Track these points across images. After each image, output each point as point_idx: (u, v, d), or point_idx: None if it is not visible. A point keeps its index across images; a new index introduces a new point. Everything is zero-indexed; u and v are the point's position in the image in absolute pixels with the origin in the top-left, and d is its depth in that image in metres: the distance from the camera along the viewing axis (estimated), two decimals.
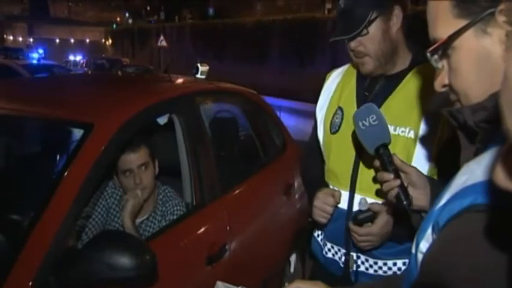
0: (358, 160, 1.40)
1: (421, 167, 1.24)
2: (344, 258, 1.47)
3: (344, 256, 1.46)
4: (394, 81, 1.38)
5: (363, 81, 1.44)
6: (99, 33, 60.76)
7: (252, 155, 2.88)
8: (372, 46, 1.32)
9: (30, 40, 58.75)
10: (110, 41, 52.84)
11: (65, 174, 1.49)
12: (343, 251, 1.47)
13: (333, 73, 1.59)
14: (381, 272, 1.41)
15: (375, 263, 1.42)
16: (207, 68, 2.69)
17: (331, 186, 1.48)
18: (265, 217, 2.53)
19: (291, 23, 21.01)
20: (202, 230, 1.93)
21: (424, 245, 0.69)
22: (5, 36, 60.39)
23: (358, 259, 1.44)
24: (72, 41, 61.57)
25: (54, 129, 2.22)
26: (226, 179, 2.19)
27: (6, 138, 2.36)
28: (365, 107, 1.21)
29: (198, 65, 2.66)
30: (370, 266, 1.43)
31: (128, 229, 1.79)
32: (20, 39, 61.44)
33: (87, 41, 61.73)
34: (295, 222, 2.69)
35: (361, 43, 1.33)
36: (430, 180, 1.17)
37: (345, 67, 1.56)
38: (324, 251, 1.54)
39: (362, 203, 1.36)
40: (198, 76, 2.65)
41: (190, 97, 2.24)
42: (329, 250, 1.52)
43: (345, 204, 1.43)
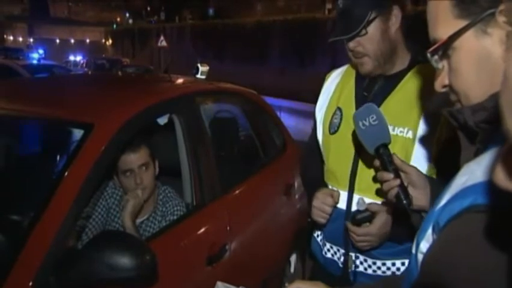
0: (357, 160, 1.40)
1: (419, 167, 1.24)
2: (343, 258, 1.47)
3: (343, 256, 1.47)
4: (393, 81, 1.38)
5: (361, 81, 1.44)
6: (100, 34, 60.78)
7: (252, 155, 2.88)
8: (371, 46, 1.32)
9: (31, 40, 58.75)
10: (110, 41, 52.85)
11: (65, 175, 1.49)
12: (342, 251, 1.47)
13: (332, 74, 1.59)
14: (379, 272, 1.41)
15: (373, 263, 1.42)
16: (207, 68, 2.69)
17: (330, 187, 1.48)
18: (265, 217, 2.53)
19: (291, 24, 21.02)
20: (202, 230, 1.93)
21: (424, 245, 0.69)
22: (5, 36, 60.39)
23: (357, 259, 1.44)
24: (72, 41, 61.58)
25: (55, 130, 2.22)
26: (226, 179, 2.19)
27: (7, 139, 2.36)
28: (365, 107, 1.21)
29: (198, 65, 2.66)
30: (369, 266, 1.43)
31: (128, 229, 1.79)
32: (20, 39, 61.45)
33: (87, 41, 61.74)
34: (295, 222, 2.70)
35: (360, 43, 1.32)
36: (430, 180, 1.17)
37: (344, 68, 1.56)
38: (323, 251, 1.54)
39: (360, 203, 1.36)
40: (198, 76, 2.65)
41: (191, 97, 2.24)
42: (328, 250, 1.52)
43: (343, 205, 1.43)
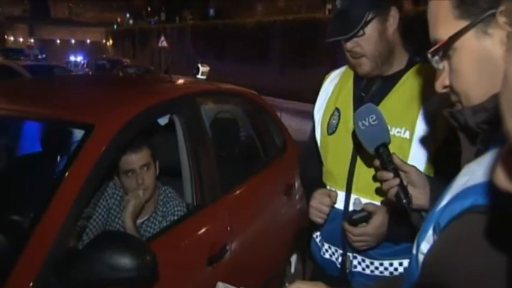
0: (355, 160, 1.40)
1: (416, 166, 1.24)
2: (341, 259, 1.47)
3: (341, 257, 1.47)
4: (390, 81, 1.38)
5: (359, 82, 1.44)
6: (100, 34, 60.87)
7: (253, 155, 2.88)
8: (369, 47, 1.32)
9: (31, 41, 58.83)
10: (111, 41, 52.92)
11: (66, 175, 1.49)
12: (340, 251, 1.47)
13: (330, 75, 1.60)
14: (377, 272, 1.41)
15: (371, 263, 1.42)
16: (207, 68, 2.69)
17: (328, 187, 1.49)
18: (265, 217, 2.53)
19: (292, 24, 21.03)
20: (202, 230, 1.93)
21: (425, 246, 0.69)
22: (5, 37, 60.47)
23: (355, 259, 1.44)
24: (72, 41, 61.69)
25: (55, 130, 2.23)
26: (226, 180, 2.19)
27: (8, 139, 2.37)
28: (365, 107, 1.21)
29: (199, 65, 2.66)
30: (367, 266, 1.43)
31: (129, 230, 1.79)
32: (20, 39, 61.51)
33: (88, 41, 61.84)
34: (295, 222, 2.69)
35: (357, 44, 1.33)
36: (429, 179, 1.17)
37: (343, 69, 1.56)
38: (321, 252, 1.55)
39: (356, 203, 1.36)
40: (199, 77, 2.65)
41: (191, 98, 2.24)
42: (326, 251, 1.53)
43: (341, 205, 1.43)
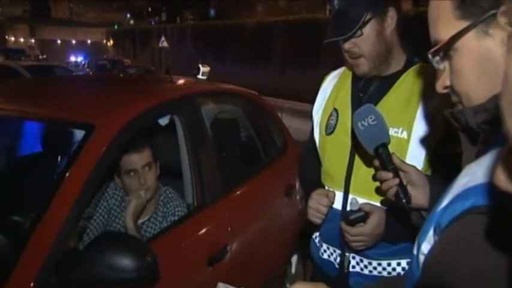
0: (352, 161, 1.41)
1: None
2: (339, 259, 1.47)
3: (339, 257, 1.47)
4: (388, 82, 1.38)
5: (358, 82, 1.45)
6: (101, 34, 60.90)
7: (253, 155, 2.88)
8: (367, 47, 1.33)
9: (32, 41, 58.88)
10: (112, 41, 52.93)
11: (67, 175, 1.49)
12: (338, 251, 1.47)
13: (329, 75, 1.60)
14: (375, 272, 1.42)
15: (369, 264, 1.42)
16: (208, 68, 2.70)
17: (326, 187, 1.49)
18: (266, 218, 2.53)
19: (292, 24, 21.02)
20: (203, 231, 1.93)
21: (425, 247, 0.69)
22: (6, 37, 60.53)
23: (353, 259, 1.44)
24: (73, 42, 61.72)
25: (56, 130, 2.23)
26: (227, 180, 2.19)
27: (8, 139, 2.37)
28: (364, 108, 1.22)
29: (200, 65, 2.66)
30: (365, 266, 1.43)
31: (130, 230, 1.79)
32: (21, 40, 61.55)
33: (89, 42, 61.87)
34: (296, 223, 2.69)
35: (355, 44, 1.33)
36: (429, 179, 1.17)
37: (342, 69, 1.57)
38: (320, 252, 1.55)
39: (353, 203, 1.37)
40: (199, 77, 2.65)
41: (192, 98, 2.24)
42: (325, 251, 1.53)
43: (339, 205, 1.43)
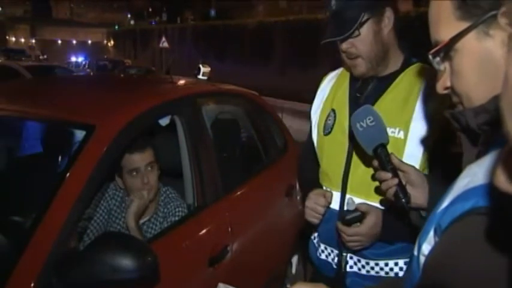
0: (350, 161, 1.41)
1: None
2: (337, 259, 1.47)
3: (337, 257, 1.47)
4: (385, 82, 1.39)
5: (355, 83, 1.46)
6: (101, 35, 60.94)
7: (254, 156, 2.88)
8: (364, 47, 1.33)
9: (33, 41, 58.92)
10: (112, 42, 52.98)
11: (67, 176, 1.49)
12: (335, 252, 1.48)
13: (327, 76, 1.61)
14: (373, 272, 1.42)
15: (366, 264, 1.43)
16: (208, 69, 2.70)
17: (324, 187, 1.50)
18: (267, 218, 2.53)
19: (293, 24, 21.02)
20: (204, 231, 1.93)
21: (426, 247, 0.69)
22: (7, 37, 60.58)
23: (351, 260, 1.44)
24: (74, 42, 61.78)
25: (56, 131, 2.22)
26: (227, 180, 2.19)
27: (9, 140, 2.37)
28: (362, 109, 1.22)
29: (200, 65, 2.66)
30: (363, 266, 1.43)
31: (132, 230, 1.79)
32: (22, 40, 61.59)
33: (89, 42, 61.93)
34: (297, 223, 2.69)
35: (353, 44, 1.33)
36: (428, 178, 1.18)
37: (340, 70, 1.57)
38: (318, 253, 1.55)
39: (349, 202, 1.37)
40: (200, 77, 2.65)
41: (192, 98, 2.24)
42: (322, 252, 1.53)
43: (336, 205, 1.44)
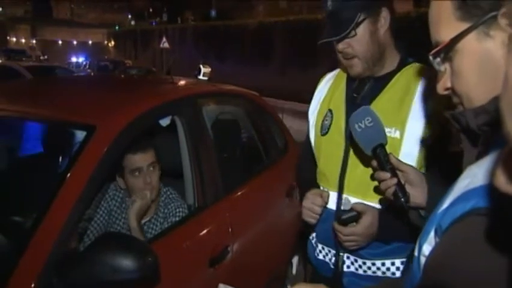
0: (346, 161, 1.42)
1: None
2: (334, 259, 1.48)
3: (334, 257, 1.48)
4: (381, 82, 1.39)
5: (352, 83, 1.46)
6: (102, 35, 61.00)
7: (254, 156, 2.88)
8: (360, 48, 1.33)
9: (33, 42, 58.97)
10: (113, 42, 53.02)
11: (68, 176, 1.49)
12: (333, 252, 1.48)
13: (325, 77, 1.62)
14: (370, 272, 1.42)
15: (363, 263, 1.43)
16: (209, 69, 2.71)
17: (321, 187, 1.50)
18: (267, 219, 2.53)
19: (293, 25, 21.03)
20: (204, 231, 1.93)
21: (426, 248, 0.68)
22: (8, 37, 60.64)
23: (348, 260, 1.45)
24: (74, 42, 61.85)
25: (57, 131, 2.23)
26: (228, 181, 2.19)
27: (9, 140, 2.37)
28: (361, 110, 1.23)
29: (201, 66, 2.66)
30: (360, 266, 1.44)
31: (134, 230, 1.79)
32: (22, 40, 61.62)
33: (90, 42, 61.98)
34: (297, 224, 2.69)
35: (349, 45, 1.34)
36: (427, 178, 1.18)
37: (336, 71, 1.58)
38: (315, 253, 1.56)
39: (345, 202, 1.37)
40: (201, 77, 2.66)
41: (193, 99, 2.24)
42: (320, 252, 1.54)
43: (333, 205, 1.44)
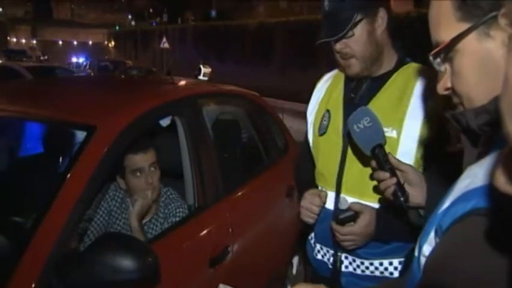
0: (344, 161, 1.42)
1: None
2: (332, 259, 1.48)
3: (332, 257, 1.48)
4: (379, 82, 1.40)
5: (350, 84, 1.47)
6: (102, 35, 61.03)
7: (255, 157, 2.88)
8: (358, 48, 1.34)
9: (34, 42, 59.01)
10: (113, 43, 53.05)
11: (68, 176, 1.49)
12: (331, 251, 1.48)
13: (323, 78, 1.62)
14: (368, 272, 1.43)
15: (361, 263, 1.43)
16: (209, 69, 2.71)
17: (319, 187, 1.51)
18: (267, 219, 2.53)
19: (293, 25, 21.04)
20: (204, 232, 1.93)
21: (427, 248, 0.68)
22: (8, 38, 60.68)
23: (346, 259, 1.45)
24: (75, 43, 61.91)
25: (57, 131, 2.23)
26: (228, 181, 2.19)
27: (10, 140, 2.37)
28: (360, 110, 1.23)
29: (201, 66, 2.66)
30: (358, 266, 1.44)
31: (135, 230, 1.79)
32: (23, 41, 61.65)
33: (90, 43, 62.03)
34: (297, 224, 2.68)
35: (347, 45, 1.34)
36: (426, 177, 1.18)
37: (335, 72, 1.59)
38: (314, 253, 1.56)
39: (342, 202, 1.38)
40: (201, 78, 2.66)
41: (193, 99, 2.24)
42: (318, 252, 1.54)
43: (331, 205, 1.45)
